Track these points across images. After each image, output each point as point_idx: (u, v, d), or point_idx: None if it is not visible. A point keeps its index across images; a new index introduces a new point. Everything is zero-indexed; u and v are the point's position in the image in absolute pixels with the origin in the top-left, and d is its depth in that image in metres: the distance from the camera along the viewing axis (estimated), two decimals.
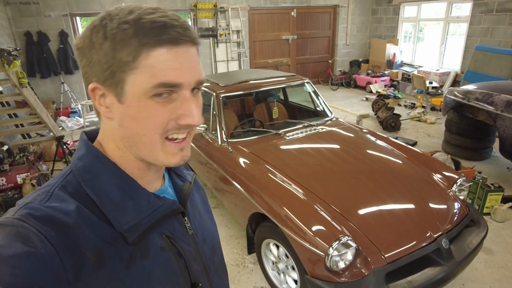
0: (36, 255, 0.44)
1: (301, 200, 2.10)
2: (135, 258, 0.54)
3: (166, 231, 0.61)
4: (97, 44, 0.50)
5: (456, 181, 2.40)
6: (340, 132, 3.08)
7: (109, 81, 0.52)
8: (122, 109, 0.53)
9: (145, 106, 0.51)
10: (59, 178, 0.56)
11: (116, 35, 0.49)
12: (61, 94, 6.84)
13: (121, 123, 0.54)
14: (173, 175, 0.71)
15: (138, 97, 0.51)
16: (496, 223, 3.11)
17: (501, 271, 2.56)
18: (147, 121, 0.52)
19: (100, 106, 0.55)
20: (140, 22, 0.49)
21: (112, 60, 0.50)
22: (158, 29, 0.49)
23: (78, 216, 0.51)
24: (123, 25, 0.49)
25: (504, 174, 4.02)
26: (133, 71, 0.50)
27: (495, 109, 3.68)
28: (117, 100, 0.53)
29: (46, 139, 4.64)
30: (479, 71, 6.25)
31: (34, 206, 0.49)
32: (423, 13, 8.12)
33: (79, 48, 0.53)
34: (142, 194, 0.58)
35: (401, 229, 2.00)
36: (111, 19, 0.50)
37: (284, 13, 8.54)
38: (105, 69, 0.51)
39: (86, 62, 0.53)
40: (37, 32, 6.49)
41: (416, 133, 5.51)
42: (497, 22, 6.37)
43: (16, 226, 0.46)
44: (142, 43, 0.49)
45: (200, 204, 0.78)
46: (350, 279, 1.78)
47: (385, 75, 8.42)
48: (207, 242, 0.72)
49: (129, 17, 0.49)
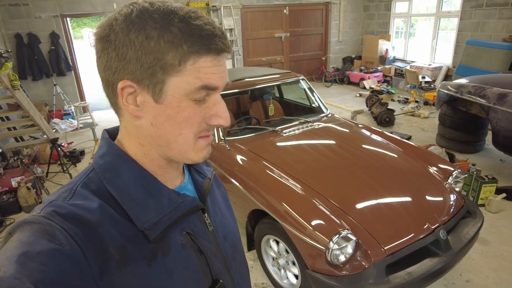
0: (62, 252, 0.45)
1: (300, 195, 2.12)
2: (156, 255, 0.55)
3: (187, 228, 0.61)
4: (137, 42, 0.49)
5: (451, 173, 2.43)
6: (336, 127, 3.10)
7: (147, 81, 0.51)
8: (158, 108, 0.53)
9: (186, 107, 0.53)
10: (81, 176, 0.57)
11: (163, 37, 0.49)
12: (53, 96, 6.77)
13: (154, 123, 0.54)
14: (193, 171, 0.71)
15: (179, 98, 0.52)
16: (490, 214, 3.16)
17: (497, 260, 2.61)
18: (185, 121, 0.54)
19: (127, 104, 0.53)
20: (190, 28, 0.50)
21: (155, 61, 0.50)
22: (208, 38, 0.51)
23: (101, 214, 0.52)
24: (171, 28, 0.49)
25: (497, 166, 4.08)
26: (177, 74, 0.51)
27: (487, 102, 3.74)
28: (154, 99, 0.52)
29: (40, 141, 4.59)
30: (470, 65, 6.33)
31: (59, 204, 0.50)
32: (414, 8, 8.18)
33: (108, 40, 0.51)
34: (163, 192, 0.58)
35: (400, 222, 2.03)
36: (152, 18, 0.49)
37: (276, 11, 8.54)
38: (145, 69, 0.50)
39: (115, 56, 0.51)
40: (27, 34, 6.41)
41: (410, 128, 5.57)
42: (487, 16, 6.45)
43: (42, 223, 0.47)
44: (192, 50, 0.50)
45: (221, 200, 0.78)
46: (351, 272, 1.80)
47: (378, 71, 8.48)
48: (228, 239, 0.71)
49: (175, 20, 0.49)
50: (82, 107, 6.97)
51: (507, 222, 3.05)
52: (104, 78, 0.54)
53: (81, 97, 7.29)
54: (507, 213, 3.18)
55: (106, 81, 0.54)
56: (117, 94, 0.54)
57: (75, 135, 6.06)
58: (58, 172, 4.44)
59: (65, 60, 6.80)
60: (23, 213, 3.63)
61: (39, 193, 3.81)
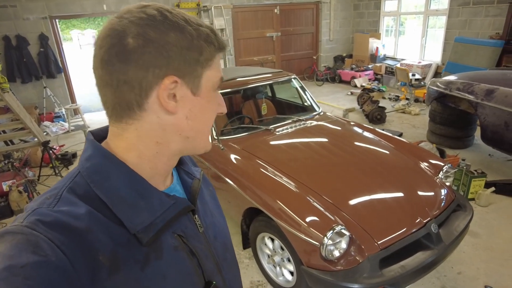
0: (48, 263, 0.43)
1: (293, 192, 2.14)
2: (149, 259, 0.54)
3: (178, 230, 0.60)
4: (181, 40, 0.53)
5: (442, 168, 2.48)
6: (329, 125, 3.13)
7: (189, 76, 0.55)
8: (195, 101, 0.57)
9: (213, 97, 0.60)
10: (66, 180, 0.54)
11: (200, 36, 0.55)
12: (43, 99, 6.68)
13: (189, 115, 0.57)
14: (182, 172, 0.70)
15: (209, 90, 0.59)
16: (480, 208, 3.23)
17: (487, 252, 2.66)
18: (213, 110, 0.61)
19: (170, 101, 0.54)
20: (212, 30, 0.58)
21: (199, 56, 0.55)
22: (219, 38, 0.59)
23: (90, 220, 0.50)
24: (205, 30, 0.56)
25: (486, 161, 4.17)
26: (209, 68, 0.57)
27: (475, 98, 3.81)
28: (192, 93, 0.56)
29: (31, 145, 4.54)
30: (459, 62, 6.44)
31: (43, 212, 0.48)
32: (403, 7, 8.28)
33: (147, 39, 0.51)
34: (153, 193, 0.57)
35: (392, 216, 2.06)
36: (188, 22, 0.55)
37: (267, 10, 8.56)
38: (189, 64, 0.54)
39: (157, 54, 0.51)
40: (15, 36, 6.31)
41: (402, 125, 5.64)
42: (474, 14, 6.56)
43: (25, 234, 0.45)
44: (217, 47, 0.58)
45: (210, 200, 0.77)
46: (345, 267, 1.82)
47: (369, 69, 8.56)
48: (218, 239, 0.71)
49: (203, 24, 0.57)
50: (73, 110, 6.90)
51: (496, 215, 3.12)
52: (128, 79, 0.52)
53: (72, 99, 7.21)
54: (496, 206, 3.25)
55: (129, 82, 0.52)
56: (146, 94, 0.52)
57: (67, 138, 6.00)
58: (50, 175, 4.40)
59: (55, 62, 6.71)
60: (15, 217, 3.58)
61: (31, 196, 3.76)
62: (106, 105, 0.55)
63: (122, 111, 0.54)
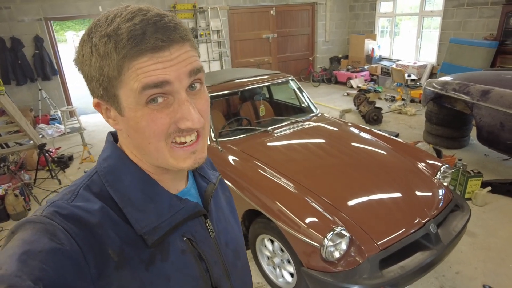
0: (62, 251, 0.46)
1: (292, 193, 2.14)
2: (154, 260, 0.55)
3: (188, 233, 0.61)
4: (87, 59, 0.50)
5: (439, 168, 2.50)
6: (326, 126, 3.14)
7: (106, 96, 0.52)
8: (124, 121, 0.54)
9: (142, 115, 0.51)
10: (84, 178, 0.58)
11: (100, 50, 0.48)
12: (39, 101, 6.64)
13: (128, 134, 0.56)
14: (197, 176, 0.70)
15: (133, 108, 0.51)
16: (477, 207, 3.25)
17: (485, 252, 2.68)
18: (147, 130, 0.51)
19: (108, 119, 0.56)
20: (118, 33, 0.47)
21: (101, 76, 0.50)
22: (136, 39, 0.47)
23: (102, 216, 0.52)
24: (103, 39, 0.48)
25: (482, 160, 4.20)
26: (121, 85, 0.49)
27: (471, 98, 3.84)
28: (119, 113, 0.53)
29: (26, 147, 4.50)
30: (454, 63, 6.49)
31: (61, 205, 0.51)
32: (399, 8, 8.34)
33: (77, 63, 0.54)
34: (163, 197, 0.58)
35: (391, 217, 2.07)
36: (95, 31, 0.49)
37: (263, 12, 8.58)
38: (99, 85, 0.51)
39: (84, 77, 0.54)
40: (10, 38, 6.27)
41: (398, 125, 5.67)
42: (468, 15, 6.62)
43: (44, 223, 0.48)
44: (122, 56, 0.47)
45: (225, 205, 0.77)
46: (345, 268, 1.83)
47: (365, 70, 8.60)
48: (230, 245, 0.71)
49: (109, 28, 0.47)
50: (69, 112, 6.86)
51: (492, 214, 3.15)
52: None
53: (67, 101, 7.17)
54: (492, 205, 3.28)
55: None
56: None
57: (63, 140, 5.96)
58: (47, 178, 4.36)
59: (50, 64, 6.67)
60: (11, 221, 3.55)
61: (27, 200, 3.73)
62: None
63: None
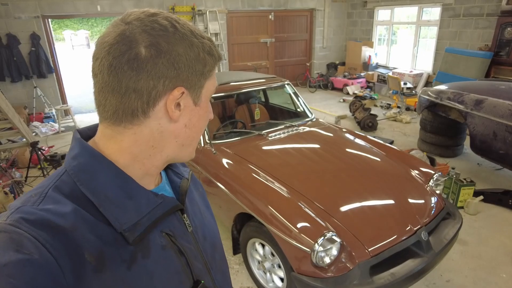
0: (31, 262, 0.43)
1: (285, 198, 2.13)
2: (136, 257, 0.54)
3: (166, 229, 0.60)
4: (189, 52, 0.55)
5: (432, 176, 2.51)
6: (321, 132, 3.14)
7: (195, 87, 0.58)
8: (194, 111, 0.59)
9: (208, 106, 0.63)
10: (52, 179, 0.54)
11: (205, 49, 0.57)
12: (33, 99, 6.58)
13: (188, 124, 0.59)
14: (170, 172, 0.70)
15: (206, 99, 0.62)
16: (469, 216, 3.27)
17: (475, 260, 2.69)
18: (206, 118, 0.63)
19: (173, 110, 0.56)
20: (212, 42, 0.60)
21: (203, 68, 0.57)
22: (217, 50, 0.61)
23: (75, 218, 0.49)
24: (207, 42, 0.58)
25: (475, 170, 4.23)
26: (209, 78, 0.60)
27: (465, 107, 3.87)
28: (194, 103, 0.59)
29: (19, 145, 4.45)
30: (449, 72, 6.56)
31: (27, 210, 0.47)
32: (396, 17, 8.42)
33: (160, 50, 0.52)
34: (141, 193, 0.57)
35: (383, 224, 2.07)
36: (193, 34, 0.56)
37: (262, 16, 8.62)
38: (196, 75, 0.57)
39: (168, 65, 0.53)
40: (6, 35, 6.22)
41: (393, 133, 5.70)
42: (464, 26, 6.71)
43: (8, 232, 0.44)
44: (217, 59, 0.60)
45: (199, 200, 0.77)
46: (336, 274, 1.82)
47: (361, 77, 8.65)
48: (208, 239, 0.71)
49: (205, 36, 0.59)
50: (64, 110, 6.81)
51: (484, 223, 3.16)
52: (137, 88, 0.52)
53: (62, 100, 7.12)
54: (484, 214, 3.29)
55: (138, 90, 0.52)
56: (153, 103, 0.54)
57: (57, 139, 5.91)
58: (38, 176, 4.31)
59: (46, 62, 6.62)
60: None
61: (17, 197, 3.68)
62: (105, 108, 0.54)
63: (124, 116, 0.54)
